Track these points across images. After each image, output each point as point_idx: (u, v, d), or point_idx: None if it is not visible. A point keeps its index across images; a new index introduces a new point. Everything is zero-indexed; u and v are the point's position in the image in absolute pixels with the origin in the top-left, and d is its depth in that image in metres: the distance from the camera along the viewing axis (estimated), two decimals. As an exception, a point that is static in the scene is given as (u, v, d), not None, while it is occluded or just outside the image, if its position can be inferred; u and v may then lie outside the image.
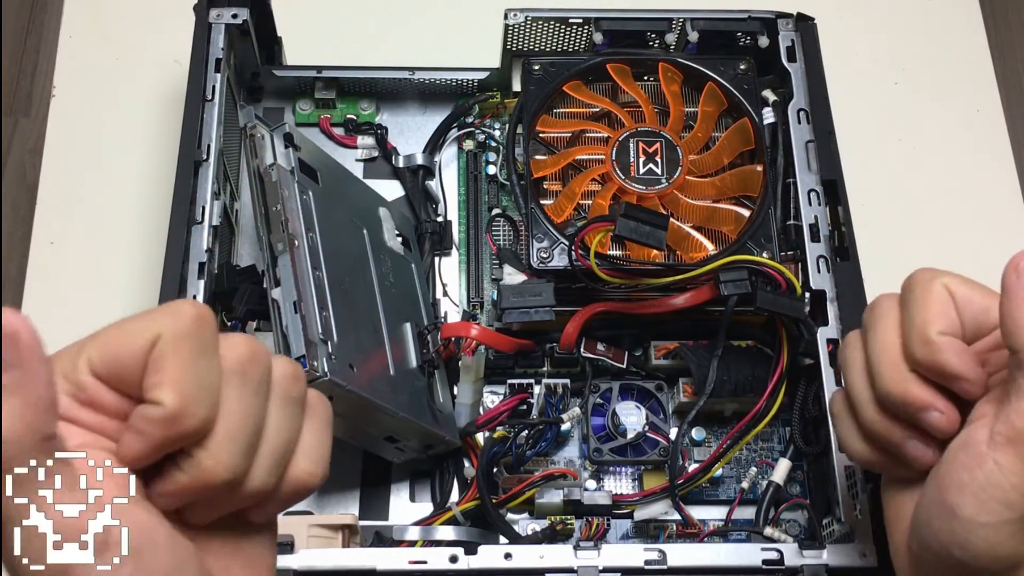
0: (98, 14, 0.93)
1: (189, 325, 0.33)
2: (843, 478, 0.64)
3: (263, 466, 0.35)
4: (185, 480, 0.33)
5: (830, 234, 0.71)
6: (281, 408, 0.36)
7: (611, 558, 0.61)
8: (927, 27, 0.96)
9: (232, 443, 0.34)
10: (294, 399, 0.37)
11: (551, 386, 0.72)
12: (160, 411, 0.32)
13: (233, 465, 0.34)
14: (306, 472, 0.37)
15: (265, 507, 0.37)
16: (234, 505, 0.36)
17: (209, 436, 0.33)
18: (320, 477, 0.37)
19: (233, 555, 0.37)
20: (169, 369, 0.32)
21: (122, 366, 0.32)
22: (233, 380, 0.34)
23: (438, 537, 0.66)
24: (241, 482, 0.34)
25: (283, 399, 0.36)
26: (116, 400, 0.33)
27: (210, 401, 0.33)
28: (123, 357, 0.32)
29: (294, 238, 0.65)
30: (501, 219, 0.80)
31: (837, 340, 0.68)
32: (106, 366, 0.33)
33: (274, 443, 0.35)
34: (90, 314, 0.35)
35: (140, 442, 0.33)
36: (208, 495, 0.34)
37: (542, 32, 0.80)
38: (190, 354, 0.33)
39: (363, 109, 0.85)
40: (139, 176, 0.85)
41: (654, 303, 0.70)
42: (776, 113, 0.75)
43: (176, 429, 0.32)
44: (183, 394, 0.32)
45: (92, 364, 0.33)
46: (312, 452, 0.37)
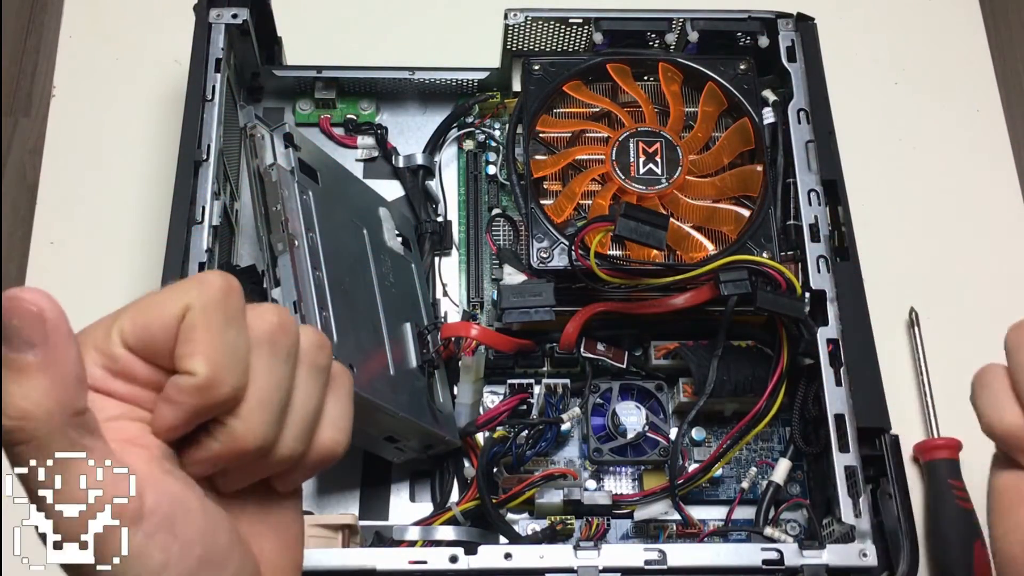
0: (98, 14, 0.93)
1: (217, 295, 0.33)
2: (843, 478, 0.64)
3: (292, 433, 0.36)
4: (218, 447, 0.34)
5: (830, 234, 0.71)
6: (308, 377, 0.37)
7: (611, 558, 0.61)
8: (927, 27, 0.96)
9: (263, 411, 0.34)
10: (321, 368, 0.37)
11: (551, 386, 0.72)
12: (192, 380, 0.32)
13: (264, 432, 0.34)
14: (332, 440, 0.38)
15: (292, 475, 0.38)
16: (264, 472, 0.36)
17: (241, 404, 0.34)
18: (344, 446, 0.38)
19: (263, 522, 0.38)
20: (200, 339, 0.33)
21: (153, 337, 0.33)
22: (263, 349, 0.35)
23: (438, 537, 0.66)
24: (271, 449, 0.35)
25: (310, 368, 0.37)
26: (148, 371, 0.34)
27: (240, 369, 0.34)
28: (154, 328, 0.33)
29: (294, 238, 0.65)
30: (501, 219, 0.80)
31: (837, 340, 0.68)
32: (138, 337, 0.33)
33: (302, 411, 0.36)
34: (90, 314, 0.35)
35: (174, 412, 0.33)
36: (240, 462, 0.35)
37: (542, 32, 0.80)
38: (219, 324, 0.33)
39: (363, 109, 0.85)
40: (139, 176, 0.85)
41: (654, 303, 0.70)
42: (776, 113, 0.75)
43: (209, 398, 0.33)
44: (214, 363, 0.33)
45: (124, 336, 0.33)
46: (337, 421, 0.38)
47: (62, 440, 0.30)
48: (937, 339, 0.80)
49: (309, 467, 0.38)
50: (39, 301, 0.30)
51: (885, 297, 0.75)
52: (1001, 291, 0.83)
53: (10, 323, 0.29)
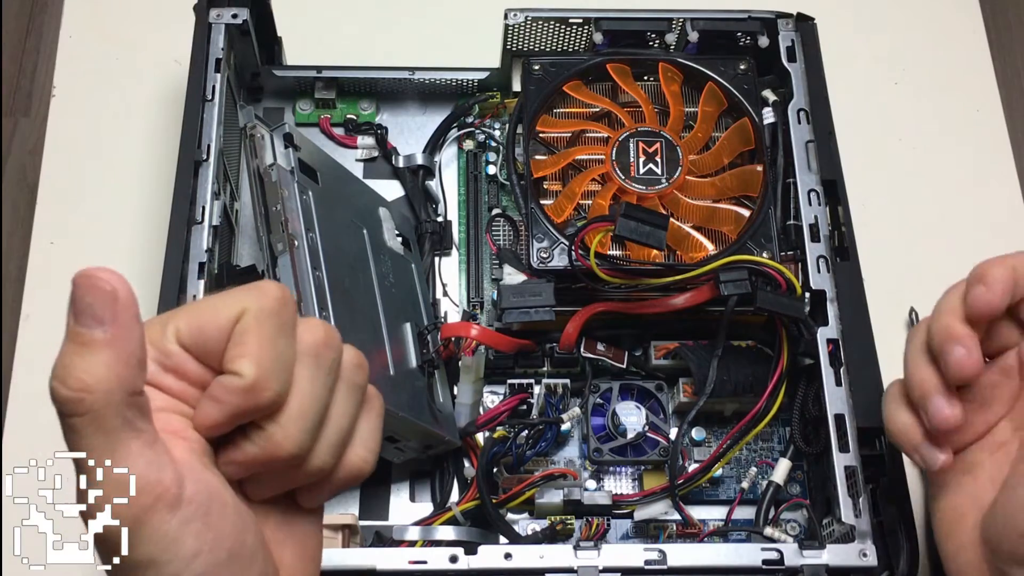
0: (98, 14, 0.93)
1: (273, 304, 0.35)
2: (843, 478, 0.64)
3: (325, 447, 0.37)
4: (255, 451, 0.35)
5: (830, 234, 0.71)
6: (346, 393, 0.38)
7: (611, 558, 0.61)
8: (927, 27, 0.96)
9: (302, 420, 0.35)
10: (358, 386, 0.39)
11: (551, 386, 0.72)
12: (239, 381, 0.34)
13: (300, 441, 0.35)
14: (361, 458, 0.39)
15: (319, 490, 0.39)
16: (294, 483, 0.38)
17: (281, 411, 0.35)
18: (371, 465, 0.39)
19: (285, 532, 0.39)
20: (251, 343, 0.34)
21: (207, 337, 0.35)
22: (308, 361, 0.36)
23: (438, 537, 0.66)
24: (304, 459, 0.36)
25: (349, 385, 0.38)
26: (199, 370, 0.35)
27: (285, 377, 0.35)
28: (208, 329, 0.34)
29: (294, 238, 0.65)
30: (501, 219, 0.80)
31: (837, 340, 0.68)
32: (192, 337, 0.35)
33: (337, 426, 0.37)
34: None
35: (216, 410, 0.34)
36: (273, 468, 0.36)
37: (542, 32, 0.80)
38: (271, 331, 0.34)
39: (363, 109, 0.85)
40: (139, 176, 0.85)
41: (654, 303, 0.70)
42: (776, 113, 0.75)
43: (252, 400, 0.34)
44: (261, 367, 0.34)
45: (179, 334, 0.35)
46: (368, 440, 0.39)
47: (116, 418, 0.31)
48: (937, 339, 0.80)
49: (336, 483, 0.39)
50: (113, 281, 0.32)
51: (885, 297, 0.75)
52: (1001, 291, 0.83)
53: (83, 300, 0.31)
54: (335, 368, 0.37)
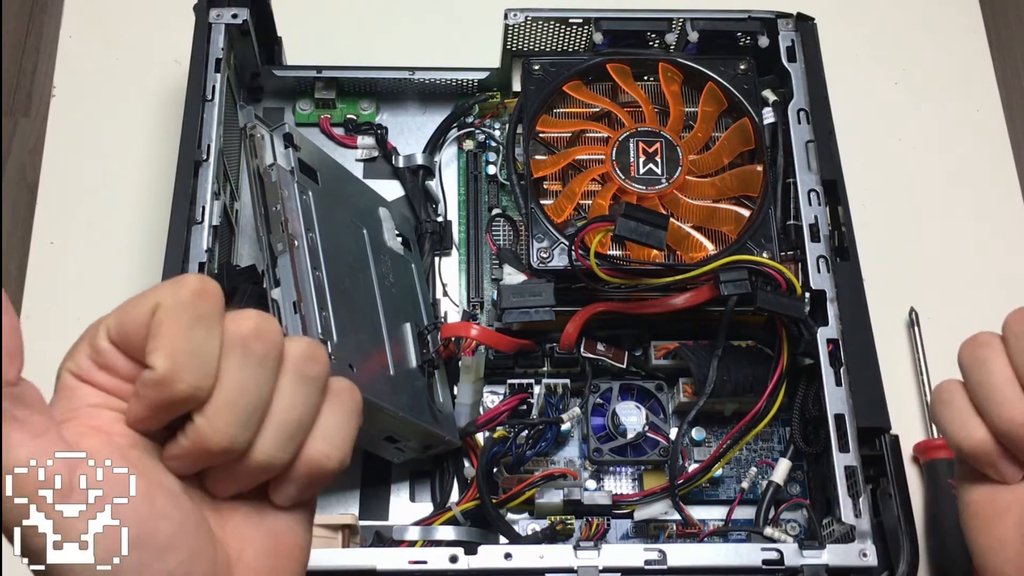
0: (98, 14, 0.93)
1: (188, 296, 0.35)
2: (843, 478, 0.64)
3: (269, 439, 0.36)
4: (187, 444, 0.35)
5: (830, 234, 0.71)
6: (294, 385, 0.37)
7: (611, 558, 0.61)
8: (927, 27, 0.96)
9: (229, 412, 0.35)
10: (310, 378, 0.37)
11: (551, 386, 0.72)
12: (151, 375, 0.34)
13: (231, 433, 0.35)
14: (321, 453, 0.38)
15: (283, 486, 0.38)
16: (248, 478, 0.37)
17: (207, 404, 0.35)
18: (338, 461, 0.38)
19: (253, 528, 0.38)
20: (163, 336, 0.34)
21: (129, 332, 0.35)
22: (234, 352, 0.35)
23: (438, 537, 0.66)
24: (244, 452, 0.36)
25: (296, 377, 0.37)
26: (128, 365, 0.35)
27: (203, 370, 0.34)
28: (129, 324, 0.35)
29: (294, 238, 0.65)
30: (501, 219, 0.80)
31: (837, 340, 0.68)
32: (117, 332, 0.35)
33: (283, 418, 0.36)
34: (90, 314, 0.36)
35: (140, 405, 0.35)
36: (210, 461, 0.36)
37: (542, 32, 0.80)
38: (185, 323, 0.34)
39: (363, 109, 0.85)
40: (139, 176, 0.85)
41: (654, 303, 0.70)
42: (776, 113, 0.75)
43: (166, 392, 0.34)
44: (173, 360, 0.34)
45: (109, 330, 0.35)
46: (331, 435, 0.38)
47: None
48: (937, 339, 0.80)
49: (299, 479, 0.38)
50: None
51: (885, 297, 0.75)
52: (1001, 291, 0.83)
53: None
54: (271, 359, 0.36)
